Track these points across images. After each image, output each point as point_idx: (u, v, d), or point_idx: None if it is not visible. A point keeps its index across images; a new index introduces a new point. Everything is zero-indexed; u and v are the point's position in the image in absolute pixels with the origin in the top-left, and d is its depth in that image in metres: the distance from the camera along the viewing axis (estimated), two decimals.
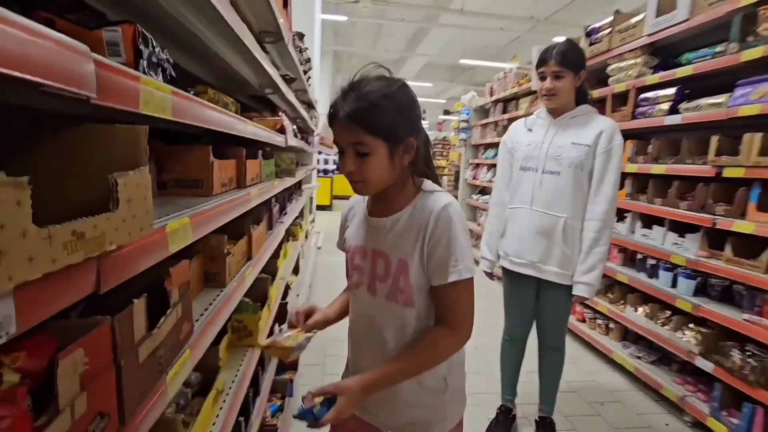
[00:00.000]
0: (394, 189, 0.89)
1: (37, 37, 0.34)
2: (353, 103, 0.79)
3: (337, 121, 0.81)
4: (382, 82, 0.83)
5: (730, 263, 1.97)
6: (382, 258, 0.89)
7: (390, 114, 0.80)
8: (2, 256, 0.27)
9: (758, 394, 1.80)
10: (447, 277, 0.84)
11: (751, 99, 1.90)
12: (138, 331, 0.52)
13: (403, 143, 0.84)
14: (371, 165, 0.82)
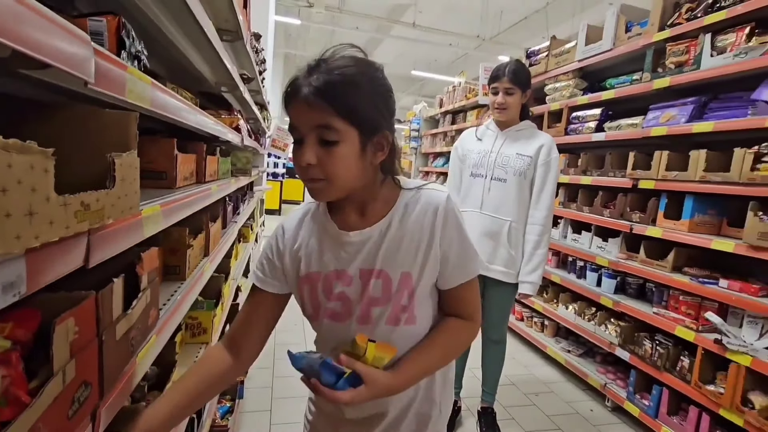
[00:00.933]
0: (367, 193, 0.74)
1: (48, 21, 0.37)
2: (323, 76, 0.63)
3: (298, 99, 0.64)
4: (360, 60, 0.68)
5: (643, 264, 2.25)
6: (379, 277, 0.73)
7: (368, 96, 0.65)
8: (33, 217, 0.30)
9: (664, 377, 2.07)
10: (469, 273, 0.77)
11: (660, 122, 2.21)
12: (116, 310, 0.54)
13: (379, 135, 0.68)
14: (338, 157, 0.64)
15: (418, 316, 0.76)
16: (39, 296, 0.46)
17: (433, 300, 0.80)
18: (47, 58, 0.36)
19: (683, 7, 2.14)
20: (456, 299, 0.79)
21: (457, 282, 0.77)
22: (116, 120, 0.49)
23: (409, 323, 0.75)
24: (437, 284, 0.78)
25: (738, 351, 1.72)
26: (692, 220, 2.01)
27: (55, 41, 0.38)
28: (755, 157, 1.73)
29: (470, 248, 0.77)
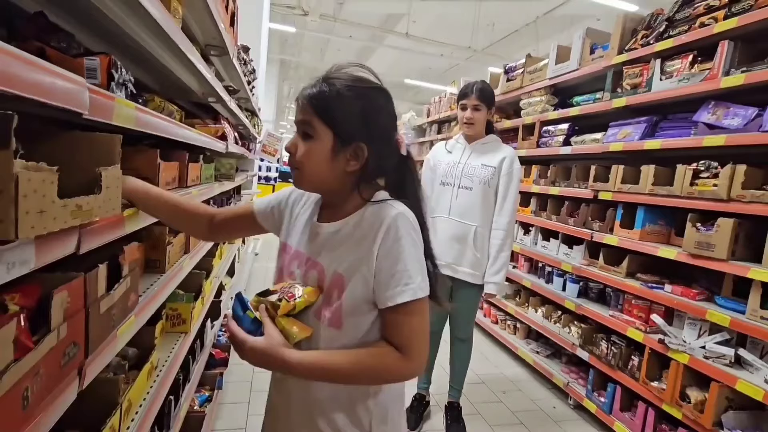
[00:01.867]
0: (339, 196, 0.81)
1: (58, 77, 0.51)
2: (318, 86, 0.76)
3: (298, 102, 0.78)
4: (356, 78, 0.77)
5: (602, 270, 2.42)
6: (315, 269, 0.79)
7: (349, 108, 0.74)
8: (42, 214, 0.44)
9: (618, 375, 2.22)
10: (399, 296, 0.73)
11: (617, 138, 2.38)
12: (100, 290, 0.67)
13: (353, 145, 0.76)
14: (311, 151, 0.75)
15: (345, 323, 0.75)
16: (41, 275, 0.60)
17: (371, 318, 0.77)
18: (56, 102, 0.51)
19: (639, 33, 2.32)
20: (388, 325, 0.76)
21: (386, 302, 0.74)
22: (104, 142, 0.63)
23: (333, 325, 0.76)
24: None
25: (678, 350, 1.88)
26: (643, 229, 2.18)
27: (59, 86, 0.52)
28: (694, 173, 1.90)
29: (410, 269, 0.73)
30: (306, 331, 0.74)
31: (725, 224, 1.73)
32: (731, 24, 1.79)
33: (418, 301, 0.74)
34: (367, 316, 0.77)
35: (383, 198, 0.80)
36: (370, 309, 0.77)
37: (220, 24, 1.67)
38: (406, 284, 0.73)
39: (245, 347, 0.72)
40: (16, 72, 0.43)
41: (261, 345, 0.71)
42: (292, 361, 0.71)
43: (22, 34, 0.74)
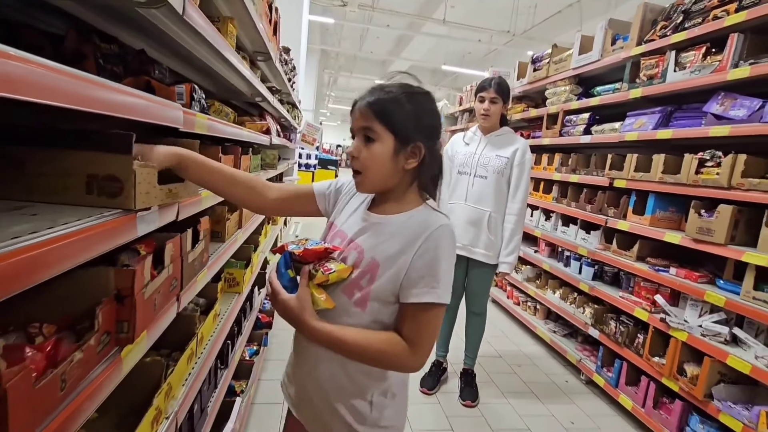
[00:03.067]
0: (394, 193, 0.87)
1: (168, 108, 0.81)
2: (375, 94, 0.82)
3: (356, 109, 0.84)
4: (407, 85, 0.85)
5: (615, 254, 2.54)
6: (356, 250, 0.85)
7: (405, 111, 0.81)
8: (149, 194, 0.74)
9: (624, 352, 2.37)
10: (424, 296, 0.79)
11: (633, 127, 2.47)
12: (188, 246, 0.99)
13: (411, 145, 0.83)
14: (374, 153, 0.81)
15: (369, 306, 0.82)
16: (155, 234, 0.91)
17: (392, 308, 0.84)
18: (166, 122, 0.81)
19: (658, 24, 2.38)
20: (406, 319, 0.81)
21: (411, 298, 0.80)
22: (188, 144, 0.94)
23: (359, 305, 0.83)
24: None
25: (678, 328, 2.02)
26: (654, 216, 2.28)
27: (169, 113, 0.82)
28: (699, 162, 1.99)
29: (440, 275, 0.80)
30: (330, 303, 0.81)
31: (725, 211, 1.83)
32: (741, 17, 1.85)
33: (439, 305, 0.80)
34: (389, 307, 0.83)
35: (434, 206, 0.89)
36: (394, 301, 0.83)
37: (265, 37, 1.97)
38: (432, 287, 0.79)
39: (278, 299, 0.82)
40: (150, 108, 0.73)
41: (291, 302, 0.81)
42: (311, 324, 0.80)
43: (132, 69, 1.06)
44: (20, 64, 0.40)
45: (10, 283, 0.42)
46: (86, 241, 0.55)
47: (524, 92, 3.87)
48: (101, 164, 0.65)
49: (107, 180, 0.65)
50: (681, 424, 2.01)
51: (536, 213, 3.51)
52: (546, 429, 2.24)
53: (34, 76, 0.42)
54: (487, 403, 2.43)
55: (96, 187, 0.65)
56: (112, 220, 0.63)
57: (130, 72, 1.04)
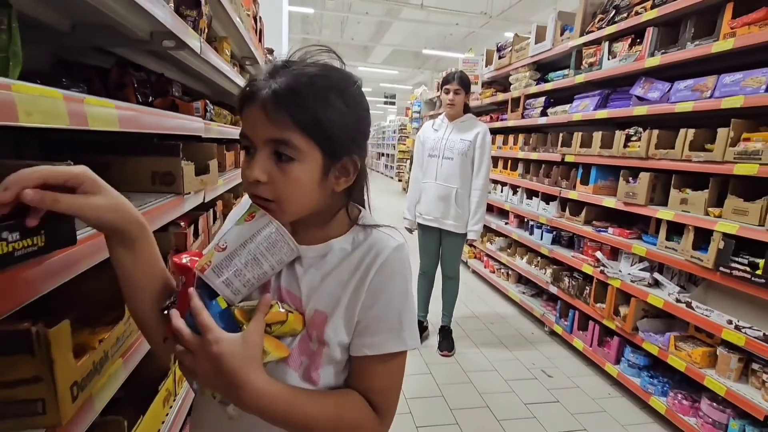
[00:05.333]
0: (321, 217, 0.64)
1: (194, 121, 1.16)
2: (287, 80, 0.54)
3: (254, 104, 0.54)
4: (334, 70, 0.59)
5: (568, 220, 2.94)
6: (290, 299, 0.62)
7: (339, 113, 0.56)
8: (191, 183, 1.08)
9: (576, 303, 2.79)
10: (385, 344, 0.60)
11: (579, 109, 2.84)
12: (211, 222, 1.34)
13: (344, 159, 0.59)
14: (293, 178, 0.55)
15: (323, 374, 0.61)
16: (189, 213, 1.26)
17: (345, 368, 0.64)
18: (194, 133, 1.16)
19: (597, 17, 2.72)
20: (360, 374, 0.62)
21: (368, 349, 0.60)
22: (209, 147, 1.28)
23: (308, 379, 0.60)
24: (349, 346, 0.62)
25: (613, 277, 2.42)
26: (596, 185, 2.67)
27: (194, 125, 1.16)
28: (626, 137, 2.37)
29: (406, 316, 0.62)
30: (283, 350, 0.58)
31: (644, 177, 2.22)
32: (654, 13, 2.20)
33: (404, 353, 0.62)
34: (343, 366, 0.63)
35: (372, 222, 0.66)
36: (346, 357, 0.63)
37: (252, 46, 2.28)
38: (396, 331, 0.60)
39: (208, 339, 0.50)
40: (184, 124, 1.07)
41: (232, 346, 0.51)
42: (256, 384, 0.52)
43: (157, 90, 1.38)
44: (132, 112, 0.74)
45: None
46: (161, 211, 0.90)
47: (492, 78, 4.21)
48: (160, 164, 0.99)
49: (165, 174, 0.99)
50: (618, 355, 2.44)
51: (505, 189, 3.89)
52: (511, 369, 2.66)
53: (142, 115, 0.76)
54: (461, 353, 2.84)
55: (158, 180, 0.99)
56: (171, 200, 0.97)
57: (155, 92, 1.37)
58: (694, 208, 1.97)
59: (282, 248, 0.57)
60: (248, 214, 0.56)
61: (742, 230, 1.71)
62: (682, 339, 2.07)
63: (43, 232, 0.46)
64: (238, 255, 0.54)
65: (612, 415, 2.23)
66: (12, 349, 0.48)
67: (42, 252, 0.46)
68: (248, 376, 0.51)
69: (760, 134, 1.72)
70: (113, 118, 0.64)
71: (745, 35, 1.75)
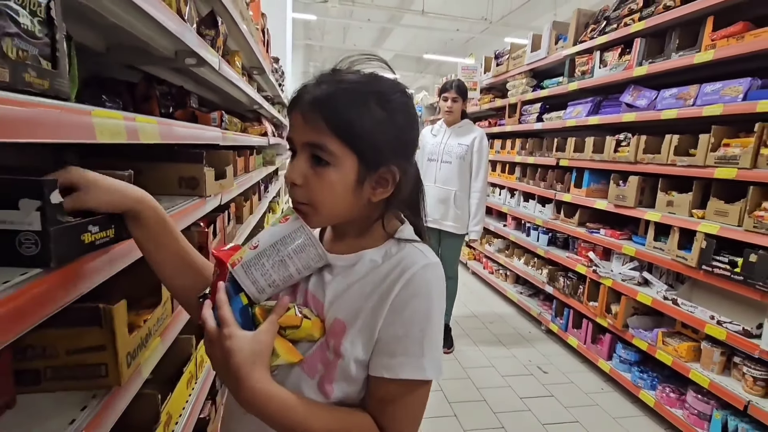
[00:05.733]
0: (356, 225, 0.64)
1: (213, 131, 1.28)
2: (328, 87, 0.56)
3: (296, 108, 0.57)
4: (375, 77, 0.59)
5: (563, 222, 3.04)
6: (312, 305, 0.61)
7: (377, 119, 0.56)
8: (212, 186, 1.20)
9: (570, 301, 2.89)
10: (403, 368, 0.56)
11: (572, 115, 2.95)
12: (227, 222, 1.45)
13: (382, 169, 0.58)
14: (327, 181, 0.56)
15: (336, 389, 0.59)
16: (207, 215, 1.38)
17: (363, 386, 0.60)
18: (214, 141, 1.28)
19: (589, 27, 2.84)
20: (376, 395, 0.59)
21: (385, 372, 0.57)
22: (226, 154, 1.39)
23: (323, 389, 0.59)
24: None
25: (605, 277, 2.53)
26: (589, 188, 2.78)
27: (213, 134, 1.29)
28: (616, 142, 2.48)
29: (429, 340, 0.58)
30: (295, 355, 0.58)
31: (633, 181, 2.33)
32: (642, 25, 2.32)
33: (426, 381, 0.58)
34: (358, 387, 0.60)
35: (410, 237, 0.63)
36: (365, 376, 0.60)
37: (260, 56, 2.41)
38: (414, 356, 0.57)
39: (224, 333, 0.53)
40: (205, 134, 1.19)
41: (243, 343, 0.52)
42: (252, 382, 0.52)
43: (177, 102, 1.51)
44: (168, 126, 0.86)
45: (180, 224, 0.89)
46: (188, 212, 1.02)
47: (491, 84, 4.33)
48: (186, 170, 1.11)
49: (190, 179, 1.11)
50: (610, 351, 2.54)
51: (503, 192, 4.00)
52: (508, 366, 2.76)
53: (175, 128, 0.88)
54: (460, 350, 2.94)
55: (184, 184, 1.11)
56: (196, 202, 1.09)
57: (176, 104, 1.49)
58: (680, 210, 2.08)
59: (310, 253, 0.57)
60: (284, 216, 0.59)
61: (722, 230, 1.82)
62: (670, 335, 2.17)
63: (113, 226, 0.58)
64: (267, 255, 0.56)
65: (604, 409, 2.33)
66: (85, 322, 0.60)
67: (113, 242, 0.58)
68: (248, 374, 0.52)
69: (739, 140, 1.83)
70: (156, 132, 0.76)
71: (724, 47, 1.87)
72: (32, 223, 0.41)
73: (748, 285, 1.68)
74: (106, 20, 0.89)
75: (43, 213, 0.42)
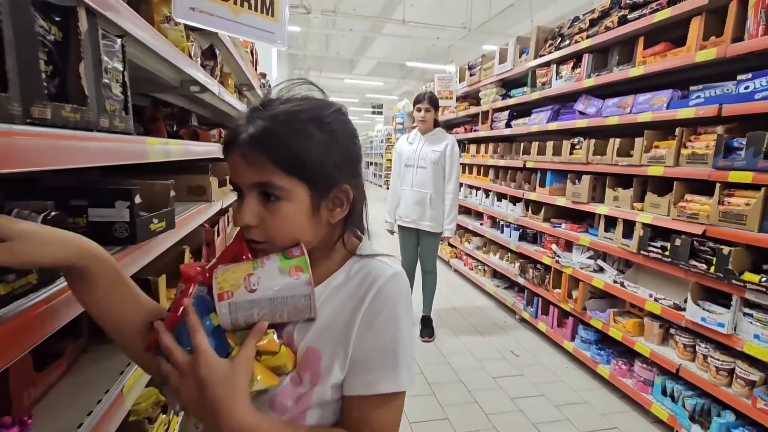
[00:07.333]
0: (317, 251, 0.62)
1: (215, 146, 1.53)
2: (263, 122, 0.54)
3: (234, 150, 0.56)
4: (312, 102, 0.59)
5: (531, 218, 3.34)
6: (286, 339, 0.59)
7: (321, 145, 0.56)
8: (216, 192, 1.43)
9: (539, 290, 3.18)
10: (380, 383, 0.56)
11: (535, 121, 3.26)
12: (227, 224, 1.69)
13: (335, 191, 0.59)
14: (282, 217, 0.55)
15: (308, 418, 0.57)
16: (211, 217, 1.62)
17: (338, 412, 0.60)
18: (215, 155, 1.52)
19: (548, 42, 3.15)
20: (353, 413, 0.58)
21: (353, 389, 0.57)
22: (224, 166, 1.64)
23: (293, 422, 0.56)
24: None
25: (566, 266, 2.82)
26: (552, 187, 3.07)
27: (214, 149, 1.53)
28: (572, 145, 2.78)
29: (402, 352, 0.58)
30: (273, 378, 0.55)
31: (585, 180, 2.63)
32: (588, 42, 2.63)
33: (400, 393, 0.59)
34: (333, 410, 0.60)
35: (372, 252, 0.65)
36: (337, 396, 0.59)
37: (249, 75, 2.65)
38: (391, 369, 0.57)
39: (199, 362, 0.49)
40: (208, 149, 1.43)
41: (219, 369, 0.49)
42: (237, 415, 0.50)
43: (179, 120, 1.75)
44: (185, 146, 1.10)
45: (186, 227, 1.13)
46: (198, 213, 1.26)
47: (466, 93, 4.64)
48: (195, 180, 1.35)
49: (198, 187, 1.35)
50: (573, 333, 2.83)
51: (479, 193, 4.30)
52: (483, 351, 3.02)
53: (191, 147, 1.12)
54: (441, 339, 3.20)
55: (193, 191, 1.35)
56: (203, 206, 1.33)
57: (179, 123, 1.73)
58: (623, 204, 2.38)
59: (302, 313, 0.56)
60: (296, 265, 0.54)
61: (655, 220, 2.12)
62: (620, 314, 2.46)
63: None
64: (260, 306, 0.53)
65: (568, 384, 2.61)
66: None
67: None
68: (231, 406, 0.49)
69: (666, 143, 2.14)
70: (180, 151, 1.00)
71: (652, 63, 2.18)
72: (124, 217, 0.66)
73: (674, 265, 1.98)
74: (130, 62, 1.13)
75: (131, 210, 0.66)
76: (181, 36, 1.19)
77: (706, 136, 1.97)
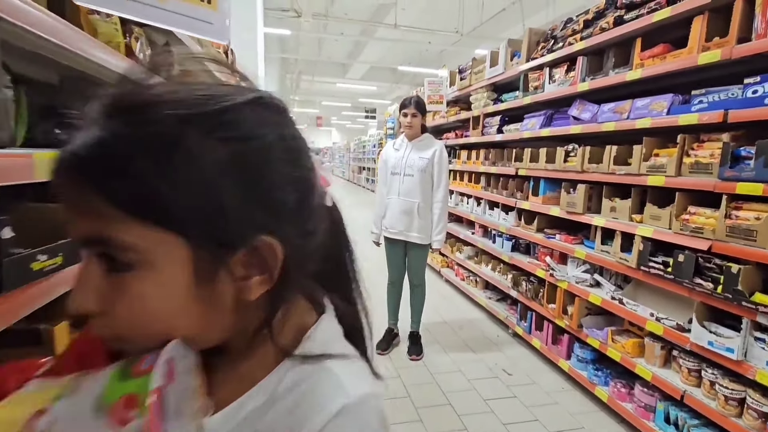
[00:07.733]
0: (226, 355, 0.39)
1: None
2: (103, 128, 0.31)
3: (59, 179, 0.32)
4: (210, 89, 0.34)
5: (524, 228, 3.19)
6: None
7: (208, 169, 0.32)
8: None
9: (532, 304, 3.02)
10: None
11: (528, 127, 3.12)
12: None
13: (244, 249, 0.35)
14: (137, 298, 0.32)
15: None
16: None
17: None
18: None
19: (540, 45, 3.02)
20: None
21: None
22: None
23: None
24: None
25: (561, 279, 2.66)
26: (545, 196, 2.93)
27: None
28: (566, 153, 2.64)
29: None
30: None
31: (580, 189, 2.48)
32: (583, 45, 2.49)
33: None
34: None
35: (323, 348, 0.39)
36: None
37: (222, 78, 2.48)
38: None
39: None
40: None
41: None
42: None
43: None
44: None
45: None
46: None
47: (456, 97, 4.50)
48: None
49: None
50: (569, 351, 2.67)
51: (470, 200, 4.14)
52: (474, 370, 2.85)
53: None
54: (429, 356, 3.02)
55: None
56: None
57: None
58: (621, 215, 2.23)
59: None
60: (130, 394, 0.31)
61: (656, 233, 1.97)
62: (619, 333, 2.31)
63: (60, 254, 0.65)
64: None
65: (563, 407, 2.45)
66: (23, 343, 0.66)
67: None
68: None
69: (666, 150, 2.00)
70: None
71: (650, 66, 2.04)
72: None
73: (677, 283, 1.83)
74: (60, 64, 0.96)
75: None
76: (115, 29, 1.02)
77: (711, 143, 1.83)
